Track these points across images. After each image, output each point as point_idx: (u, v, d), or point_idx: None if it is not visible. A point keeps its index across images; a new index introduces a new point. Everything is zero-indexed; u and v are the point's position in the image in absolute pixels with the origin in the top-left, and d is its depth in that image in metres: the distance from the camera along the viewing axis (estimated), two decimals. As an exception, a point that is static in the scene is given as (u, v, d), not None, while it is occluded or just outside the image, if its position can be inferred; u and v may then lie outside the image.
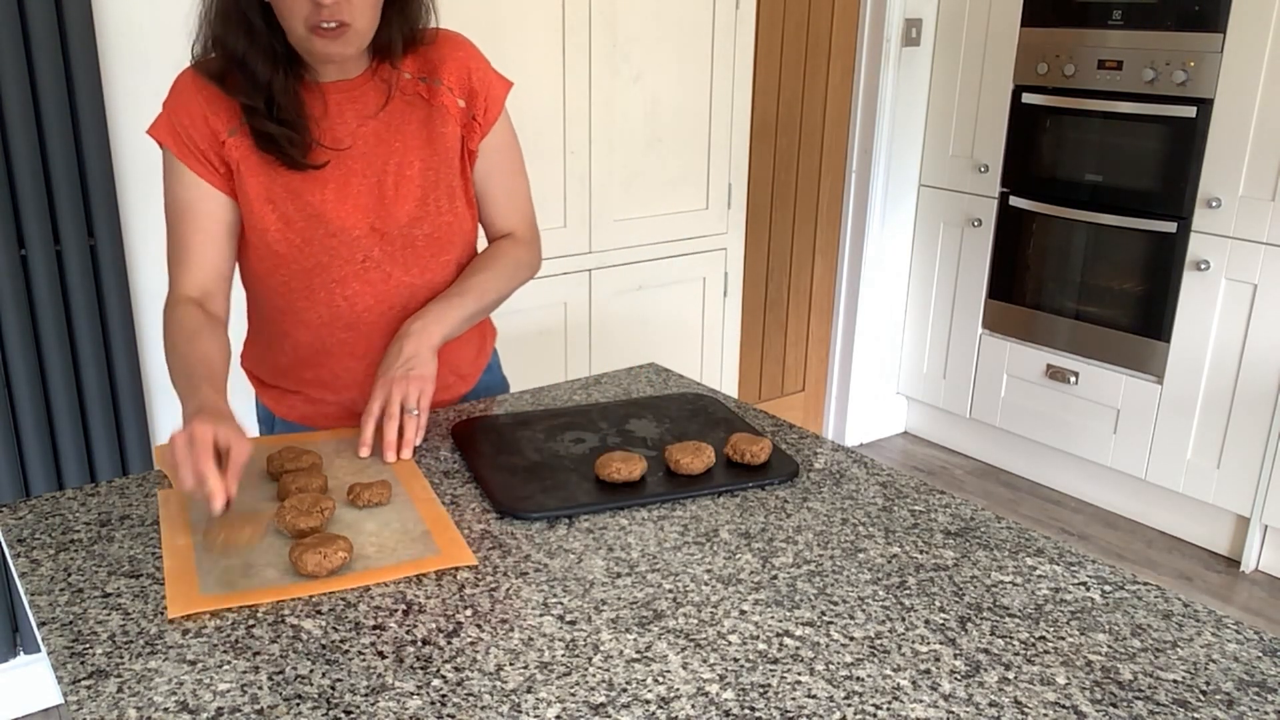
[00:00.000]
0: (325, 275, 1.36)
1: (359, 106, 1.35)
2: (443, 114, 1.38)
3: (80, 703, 0.86)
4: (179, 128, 1.31)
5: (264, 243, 1.35)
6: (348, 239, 1.35)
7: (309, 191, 1.33)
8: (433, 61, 1.38)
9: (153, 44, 2.10)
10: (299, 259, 1.35)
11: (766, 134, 3.27)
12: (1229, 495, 2.92)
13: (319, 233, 1.34)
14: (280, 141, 1.29)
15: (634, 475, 1.24)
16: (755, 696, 0.88)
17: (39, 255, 2.02)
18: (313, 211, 1.33)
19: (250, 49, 1.26)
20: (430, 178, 1.38)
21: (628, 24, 2.69)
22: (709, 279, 3.06)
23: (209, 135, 1.31)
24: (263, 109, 1.28)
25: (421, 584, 1.04)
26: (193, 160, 1.32)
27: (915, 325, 3.69)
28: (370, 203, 1.35)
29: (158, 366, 2.26)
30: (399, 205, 1.36)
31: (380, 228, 1.36)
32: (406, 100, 1.37)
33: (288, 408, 1.50)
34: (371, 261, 1.37)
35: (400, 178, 1.36)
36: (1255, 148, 2.72)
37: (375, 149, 1.35)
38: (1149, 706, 0.88)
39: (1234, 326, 2.84)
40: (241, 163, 1.31)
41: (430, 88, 1.38)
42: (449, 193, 1.40)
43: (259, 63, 1.27)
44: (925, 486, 1.28)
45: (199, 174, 1.32)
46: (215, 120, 1.30)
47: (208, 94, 1.30)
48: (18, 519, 1.16)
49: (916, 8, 3.36)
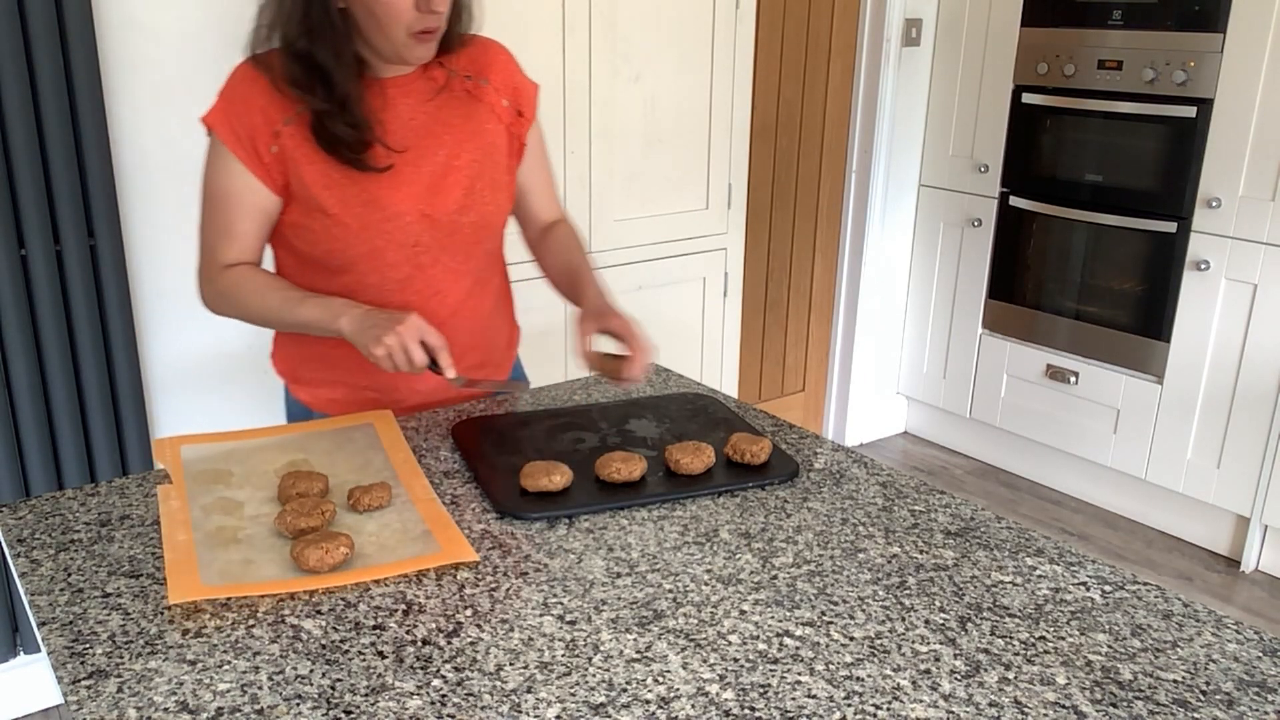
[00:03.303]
0: (379, 259, 1.41)
1: (413, 100, 1.42)
2: (487, 111, 1.46)
3: (80, 703, 0.86)
4: (233, 118, 1.35)
5: (323, 226, 1.38)
6: (401, 224, 1.40)
7: (365, 180, 1.38)
8: (479, 63, 1.47)
9: (153, 43, 2.10)
10: (356, 243, 1.39)
11: (766, 134, 3.27)
12: (1229, 495, 2.92)
13: (375, 217, 1.39)
14: (346, 142, 1.34)
15: (634, 475, 1.24)
16: (755, 696, 0.88)
17: (39, 255, 2.02)
18: (369, 197, 1.38)
19: (336, 63, 1.31)
20: (475, 169, 1.45)
21: (628, 24, 2.69)
22: (709, 279, 3.06)
23: (264, 125, 1.35)
24: (336, 111, 1.33)
25: (421, 584, 1.04)
26: (242, 151, 1.36)
27: (915, 325, 3.69)
28: (421, 190, 1.41)
29: (158, 366, 2.26)
30: (448, 193, 1.43)
31: (430, 214, 1.42)
32: (455, 95, 1.45)
33: (326, 400, 1.53)
34: (421, 246, 1.43)
35: (449, 168, 1.42)
36: (1255, 148, 2.72)
37: (426, 140, 1.41)
38: (1149, 706, 0.88)
39: (1234, 326, 2.84)
40: (296, 150, 1.35)
41: (477, 86, 1.46)
42: (492, 184, 1.47)
43: (341, 74, 1.32)
44: (925, 486, 1.28)
45: (246, 165, 1.36)
46: (272, 110, 1.34)
47: (264, 86, 1.34)
48: (18, 519, 1.16)
49: (916, 8, 3.36)
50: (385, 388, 1.50)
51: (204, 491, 1.21)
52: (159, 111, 2.15)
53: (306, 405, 1.55)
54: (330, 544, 1.04)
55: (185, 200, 2.30)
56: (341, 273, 1.42)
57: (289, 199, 1.39)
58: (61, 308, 2.07)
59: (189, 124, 2.26)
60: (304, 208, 1.38)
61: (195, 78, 2.23)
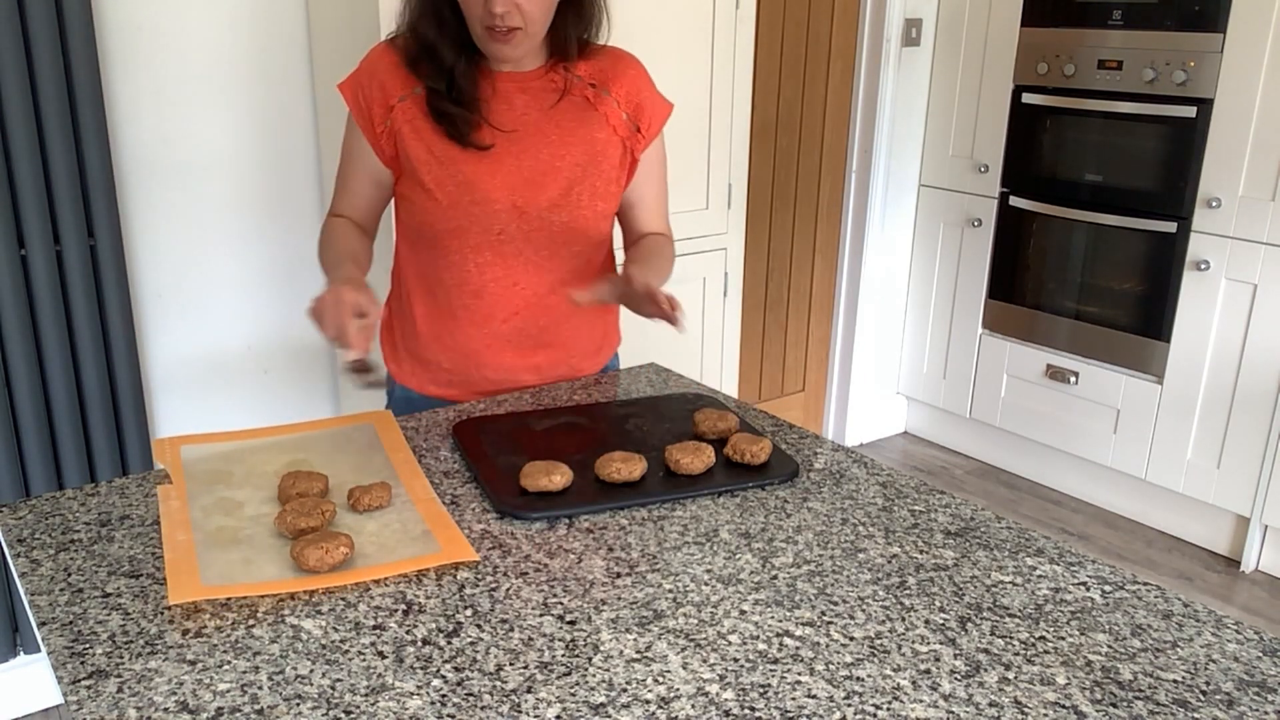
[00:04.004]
0: (463, 239, 1.48)
1: (528, 97, 1.48)
2: (602, 120, 1.50)
3: (80, 703, 0.86)
4: (360, 89, 1.48)
5: (416, 199, 1.48)
6: (490, 209, 1.46)
7: (464, 162, 1.45)
8: (606, 73, 1.51)
9: (153, 44, 2.10)
10: (444, 218, 1.47)
11: (766, 134, 3.27)
12: (1229, 495, 2.92)
13: (465, 199, 1.46)
14: (455, 120, 1.43)
15: (634, 475, 1.24)
16: (755, 696, 0.88)
17: (39, 255, 2.02)
18: (464, 179, 1.45)
19: (440, 37, 1.42)
20: (578, 173, 1.49)
21: (628, 24, 2.69)
22: (709, 279, 3.06)
23: (381, 99, 1.46)
24: (444, 90, 1.43)
25: (421, 584, 1.04)
26: (362, 120, 1.48)
27: (915, 325, 3.69)
28: (517, 182, 1.46)
29: (158, 366, 2.26)
30: (544, 190, 1.47)
31: (522, 206, 1.47)
32: (572, 100, 1.49)
33: (408, 373, 1.61)
34: (506, 236, 1.48)
35: (551, 166, 1.47)
36: (1255, 148, 2.72)
37: (533, 136, 1.47)
38: (1149, 706, 0.88)
39: (1234, 326, 2.84)
40: (405, 126, 1.46)
41: (598, 95, 1.51)
42: (592, 191, 1.50)
43: (446, 50, 1.42)
44: (925, 486, 1.28)
45: (364, 133, 1.49)
46: (391, 86, 1.46)
47: (391, 64, 1.47)
48: (18, 519, 1.16)
49: (916, 8, 3.36)
50: (460, 371, 1.56)
51: (204, 492, 1.21)
52: (159, 111, 2.15)
53: (405, 386, 1.62)
54: (330, 544, 1.04)
55: (185, 200, 2.30)
56: (431, 246, 1.50)
57: (398, 171, 1.50)
58: (61, 308, 2.07)
59: (189, 124, 2.27)
60: (408, 181, 1.48)
61: (195, 78, 2.23)
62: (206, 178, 2.30)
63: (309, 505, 1.12)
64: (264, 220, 2.40)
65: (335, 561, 1.04)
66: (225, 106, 2.28)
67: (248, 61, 2.29)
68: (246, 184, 2.37)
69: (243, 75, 2.29)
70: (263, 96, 2.33)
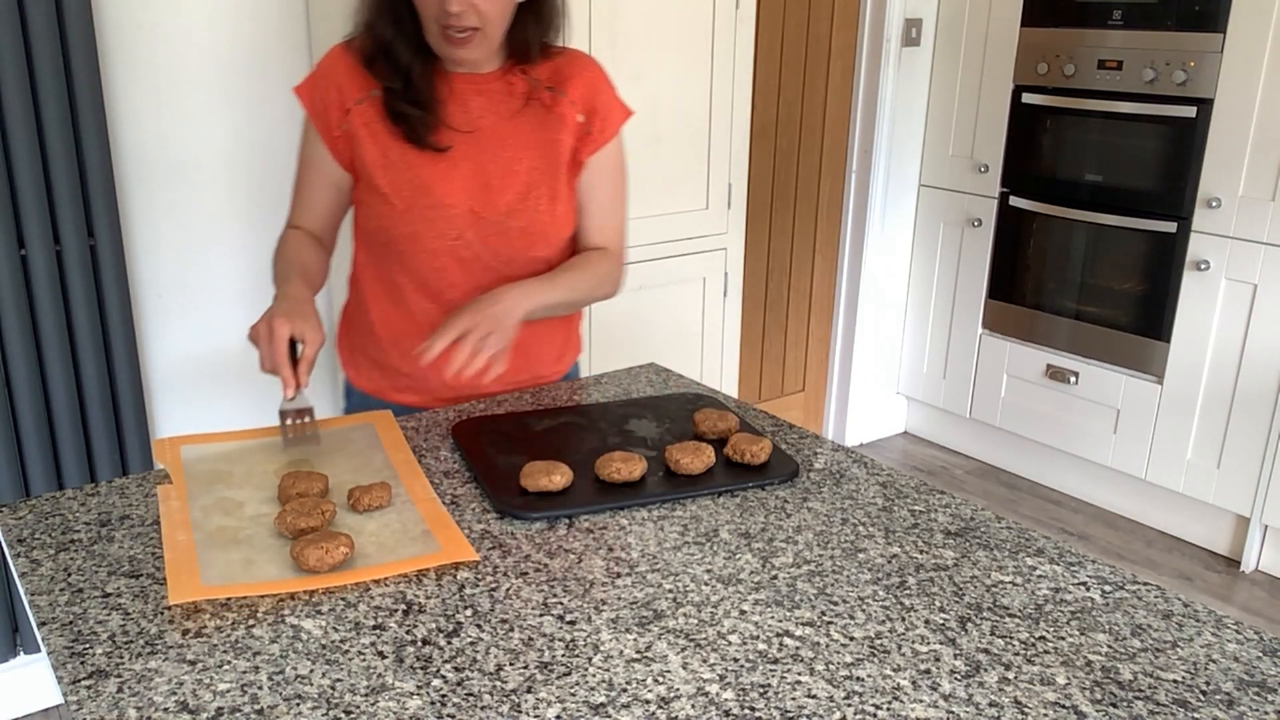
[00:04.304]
0: (419, 244, 1.46)
1: (484, 100, 1.46)
2: (559, 123, 1.48)
3: (80, 703, 0.86)
4: (316, 91, 1.46)
5: (373, 203, 1.46)
6: (446, 214, 1.44)
7: (420, 166, 1.44)
8: (563, 75, 1.49)
9: (153, 44, 2.10)
10: (400, 223, 1.45)
11: (766, 134, 3.27)
12: (1229, 495, 2.92)
13: (421, 203, 1.44)
14: (412, 121, 1.42)
15: (634, 475, 1.24)
16: (755, 696, 0.88)
17: (39, 255, 2.02)
18: (420, 184, 1.43)
19: (397, 36, 1.40)
20: (535, 177, 1.47)
21: (628, 24, 2.69)
22: (709, 279, 3.06)
23: (338, 102, 1.45)
24: (401, 90, 1.41)
25: (421, 584, 1.04)
26: (319, 124, 1.47)
27: (915, 325, 3.69)
28: (474, 187, 1.44)
29: (158, 366, 2.26)
30: (500, 194, 1.45)
31: (479, 211, 1.45)
32: (530, 104, 1.47)
33: (366, 378, 1.60)
34: (463, 241, 1.46)
35: (507, 170, 1.45)
36: (1255, 148, 2.72)
37: (490, 140, 1.45)
38: (1149, 706, 0.88)
39: (1234, 326, 2.84)
40: (362, 129, 1.44)
41: (554, 97, 1.48)
42: (550, 194, 1.48)
43: (402, 49, 1.40)
44: (925, 486, 1.28)
45: (321, 137, 1.47)
46: (347, 89, 1.44)
47: (347, 66, 1.45)
48: (18, 519, 1.16)
49: (916, 8, 3.36)
50: (419, 376, 1.53)
51: (204, 492, 1.21)
52: (159, 111, 2.15)
53: (364, 391, 1.60)
54: (330, 544, 1.04)
55: (185, 200, 2.30)
56: (388, 251, 1.48)
57: (356, 175, 1.48)
58: (61, 308, 2.07)
59: (189, 124, 2.27)
60: (364, 185, 1.46)
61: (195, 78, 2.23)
62: (206, 178, 2.30)
63: (309, 505, 1.12)
64: (264, 220, 2.40)
65: (335, 561, 1.04)
66: (226, 107, 2.28)
67: (248, 61, 2.29)
68: (247, 184, 2.37)
69: (243, 75, 2.29)
70: (263, 96, 2.33)
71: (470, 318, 1.35)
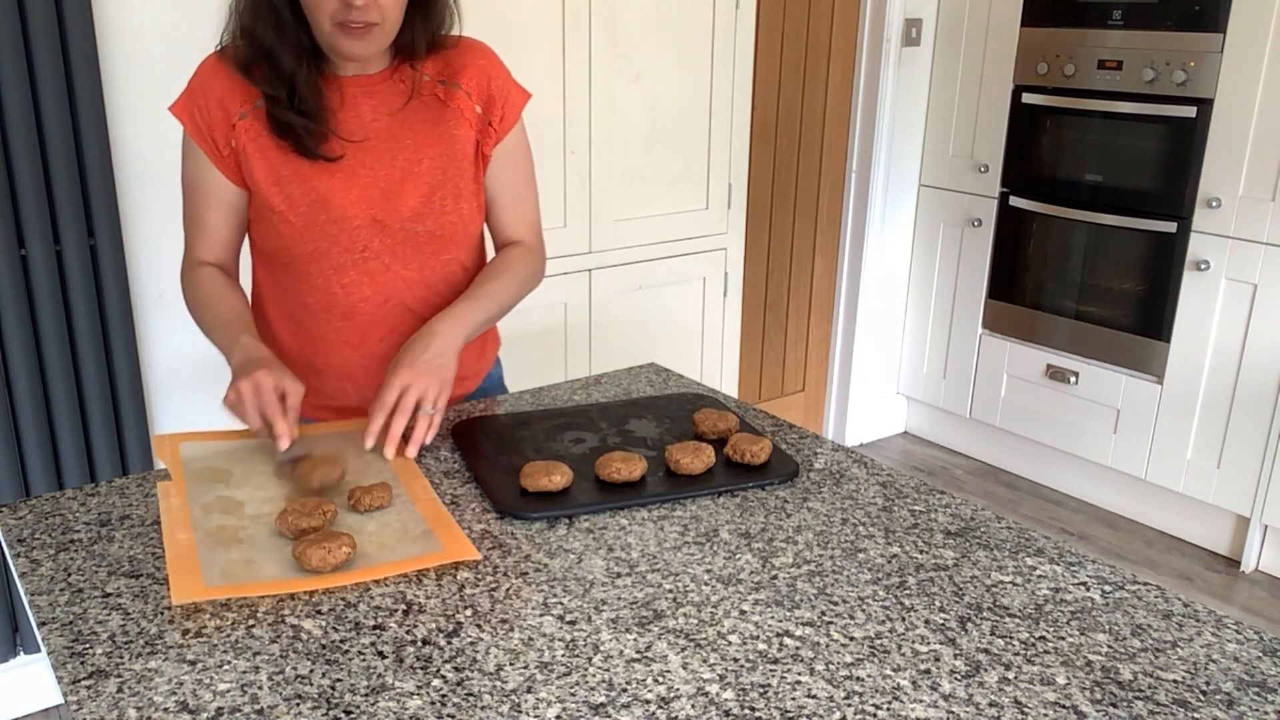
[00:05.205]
0: (324, 261, 1.39)
1: (375, 102, 1.38)
2: (457, 117, 1.41)
3: (80, 703, 0.86)
4: (195, 108, 1.36)
5: (269, 223, 1.38)
6: (349, 227, 1.37)
7: (315, 178, 1.35)
8: (454, 66, 1.41)
9: (153, 44, 2.10)
10: (300, 242, 1.37)
11: (766, 134, 3.27)
12: (1229, 495, 2.92)
13: (321, 219, 1.36)
14: (298, 131, 1.33)
15: (634, 475, 1.24)
16: (755, 696, 0.88)
17: (39, 255, 2.02)
18: (317, 197, 1.36)
19: (278, 41, 1.30)
20: (438, 176, 1.40)
21: (628, 24, 2.69)
22: (709, 279, 3.06)
23: (222, 118, 1.35)
24: (285, 99, 1.32)
25: (421, 584, 1.04)
26: (203, 142, 1.36)
27: (915, 325, 3.69)
28: (375, 195, 1.37)
29: (158, 366, 2.26)
30: (403, 199, 1.38)
31: (383, 219, 1.38)
32: (423, 100, 1.40)
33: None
34: (370, 252, 1.39)
35: (408, 173, 1.38)
36: (1255, 148, 2.72)
37: (386, 144, 1.38)
38: (1149, 706, 0.88)
39: (1234, 326, 2.84)
40: (250, 145, 1.35)
41: (448, 90, 1.40)
42: (455, 193, 1.41)
43: (285, 55, 1.31)
44: (925, 486, 1.28)
45: (208, 156, 1.37)
46: (230, 103, 1.35)
47: (225, 77, 1.35)
48: (18, 519, 1.16)
49: (916, 8, 3.36)
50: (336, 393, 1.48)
51: (204, 490, 1.21)
52: (159, 111, 2.15)
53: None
54: (333, 544, 1.04)
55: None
56: (290, 270, 1.40)
57: (250, 192, 1.39)
58: (61, 308, 2.07)
59: (189, 124, 2.26)
60: (257, 203, 1.38)
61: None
62: (206, 178, 2.30)
63: (310, 505, 1.12)
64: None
65: (338, 561, 1.04)
66: (225, 106, 2.28)
67: (248, 61, 2.29)
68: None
69: (243, 75, 2.29)
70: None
71: (405, 375, 1.29)
